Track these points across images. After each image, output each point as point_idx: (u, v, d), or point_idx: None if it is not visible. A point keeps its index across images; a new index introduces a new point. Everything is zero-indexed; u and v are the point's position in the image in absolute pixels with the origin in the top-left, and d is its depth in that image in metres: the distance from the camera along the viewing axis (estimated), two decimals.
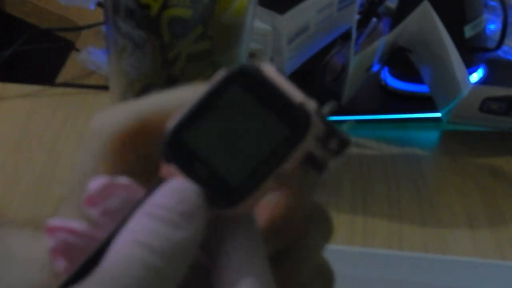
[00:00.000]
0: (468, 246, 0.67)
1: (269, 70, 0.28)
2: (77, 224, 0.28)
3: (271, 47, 0.77)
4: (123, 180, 0.28)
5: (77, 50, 0.94)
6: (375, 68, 0.83)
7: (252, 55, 0.74)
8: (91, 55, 0.91)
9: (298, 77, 0.85)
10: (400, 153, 0.80)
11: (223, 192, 0.27)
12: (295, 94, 0.28)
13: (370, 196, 0.72)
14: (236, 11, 0.59)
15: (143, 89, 0.61)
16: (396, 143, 0.82)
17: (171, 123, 0.28)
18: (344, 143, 0.29)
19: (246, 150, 0.27)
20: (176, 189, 0.27)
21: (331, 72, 0.86)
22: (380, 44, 0.79)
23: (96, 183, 0.28)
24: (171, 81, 0.60)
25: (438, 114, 0.82)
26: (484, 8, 0.85)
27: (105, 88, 0.83)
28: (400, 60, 0.84)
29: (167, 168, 0.27)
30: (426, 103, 0.83)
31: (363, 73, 0.82)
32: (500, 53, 0.87)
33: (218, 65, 0.60)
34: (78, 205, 0.29)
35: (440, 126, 0.85)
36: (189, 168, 0.27)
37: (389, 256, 0.64)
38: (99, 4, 0.93)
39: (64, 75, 0.91)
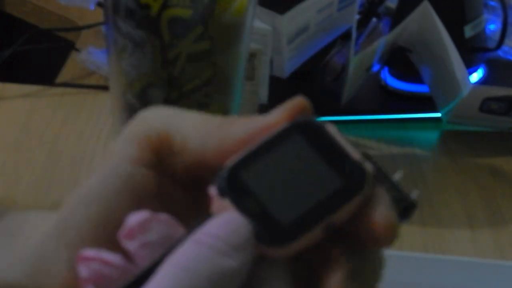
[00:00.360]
0: (468, 246, 0.67)
1: (331, 128, 0.29)
2: (111, 256, 0.28)
3: (271, 47, 0.77)
4: (163, 215, 0.29)
5: (77, 50, 0.94)
6: (375, 68, 0.83)
7: (252, 55, 0.74)
8: (91, 55, 0.91)
9: (298, 77, 0.85)
10: (400, 153, 0.80)
11: (272, 231, 0.28)
12: (354, 152, 0.29)
13: None
14: (236, 11, 0.59)
15: (143, 89, 0.61)
16: (396, 143, 0.82)
17: (230, 160, 0.29)
18: (410, 208, 0.30)
19: (300, 196, 0.28)
20: (227, 221, 0.27)
21: (331, 72, 0.86)
22: (380, 44, 0.79)
23: (135, 217, 0.28)
24: (171, 81, 0.60)
25: (438, 114, 0.82)
26: (484, 8, 0.85)
27: (105, 88, 0.83)
28: (400, 60, 0.84)
29: (219, 202, 0.28)
30: (426, 103, 0.83)
31: (363, 73, 0.82)
32: (500, 53, 0.87)
33: (218, 65, 0.60)
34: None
35: (440, 126, 0.85)
36: (241, 202, 0.28)
37: (389, 256, 0.64)
38: (99, 4, 0.93)
39: (64, 75, 0.91)
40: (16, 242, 0.32)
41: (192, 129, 0.31)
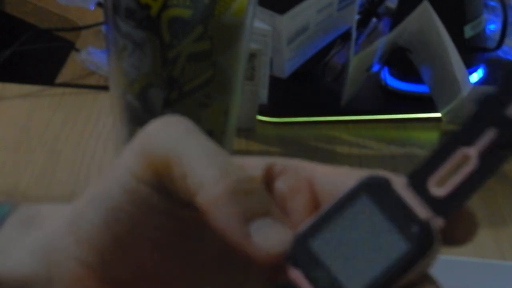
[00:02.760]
0: (468, 246, 0.67)
1: (398, 183, 0.29)
2: None
3: (271, 47, 0.78)
4: None
5: (77, 50, 0.94)
6: (375, 68, 0.83)
7: (252, 55, 0.74)
8: (91, 55, 0.91)
9: (298, 77, 0.85)
10: (400, 153, 0.80)
11: None
12: (421, 210, 0.28)
13: None
14: (236, 11, 0.59)
15: (143, 89, 0.61)
16: (396, 143, 0.82)
17: (301, 226, 0.29)
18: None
19: (367, 262, 0.28)
20: None
21: (331, 72, 0.86)
22: (380, 44, 0.79)
23: None
24: (171, 81, 0.60)
25: (438, 114, 0.82)
26: (484, 8, 0.85)
27: (105, 88, 0.83)
28: (400, 60, 0.84)
29: (291, 271, 0.29)
30: (426, 103, 0.83)
31: (363, 73, 0.82)
32: (500, 53, 0.87)
33: (218, 65, 0.60)
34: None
35: (440, 126, 0.85)
36: (312, 275, 0.28)
37: None
38: (99, 4, 0.93)
39: (64, 75, 0.91)
40: (28, 234, 0.32)
41: (195, 164, 0.29)
